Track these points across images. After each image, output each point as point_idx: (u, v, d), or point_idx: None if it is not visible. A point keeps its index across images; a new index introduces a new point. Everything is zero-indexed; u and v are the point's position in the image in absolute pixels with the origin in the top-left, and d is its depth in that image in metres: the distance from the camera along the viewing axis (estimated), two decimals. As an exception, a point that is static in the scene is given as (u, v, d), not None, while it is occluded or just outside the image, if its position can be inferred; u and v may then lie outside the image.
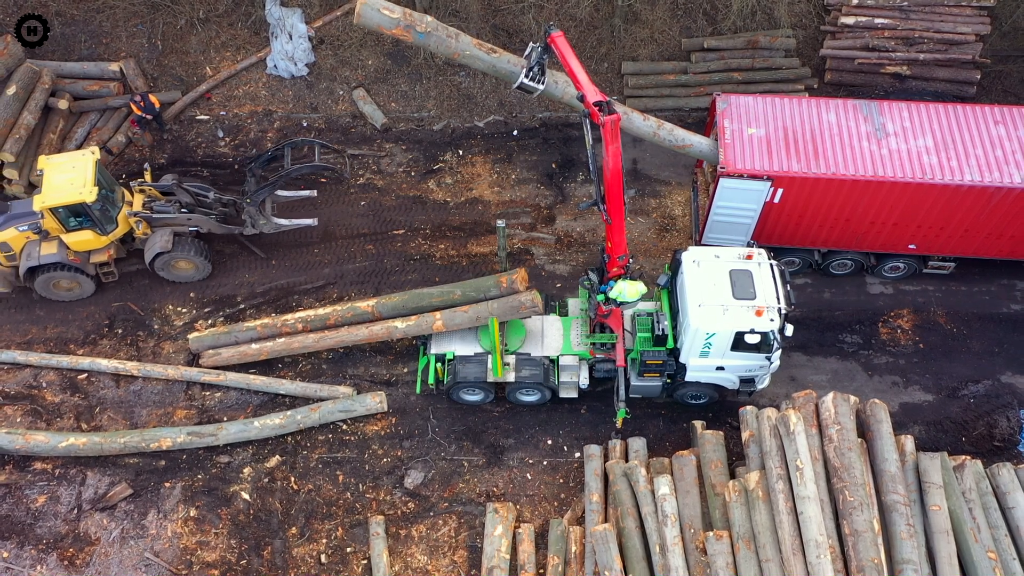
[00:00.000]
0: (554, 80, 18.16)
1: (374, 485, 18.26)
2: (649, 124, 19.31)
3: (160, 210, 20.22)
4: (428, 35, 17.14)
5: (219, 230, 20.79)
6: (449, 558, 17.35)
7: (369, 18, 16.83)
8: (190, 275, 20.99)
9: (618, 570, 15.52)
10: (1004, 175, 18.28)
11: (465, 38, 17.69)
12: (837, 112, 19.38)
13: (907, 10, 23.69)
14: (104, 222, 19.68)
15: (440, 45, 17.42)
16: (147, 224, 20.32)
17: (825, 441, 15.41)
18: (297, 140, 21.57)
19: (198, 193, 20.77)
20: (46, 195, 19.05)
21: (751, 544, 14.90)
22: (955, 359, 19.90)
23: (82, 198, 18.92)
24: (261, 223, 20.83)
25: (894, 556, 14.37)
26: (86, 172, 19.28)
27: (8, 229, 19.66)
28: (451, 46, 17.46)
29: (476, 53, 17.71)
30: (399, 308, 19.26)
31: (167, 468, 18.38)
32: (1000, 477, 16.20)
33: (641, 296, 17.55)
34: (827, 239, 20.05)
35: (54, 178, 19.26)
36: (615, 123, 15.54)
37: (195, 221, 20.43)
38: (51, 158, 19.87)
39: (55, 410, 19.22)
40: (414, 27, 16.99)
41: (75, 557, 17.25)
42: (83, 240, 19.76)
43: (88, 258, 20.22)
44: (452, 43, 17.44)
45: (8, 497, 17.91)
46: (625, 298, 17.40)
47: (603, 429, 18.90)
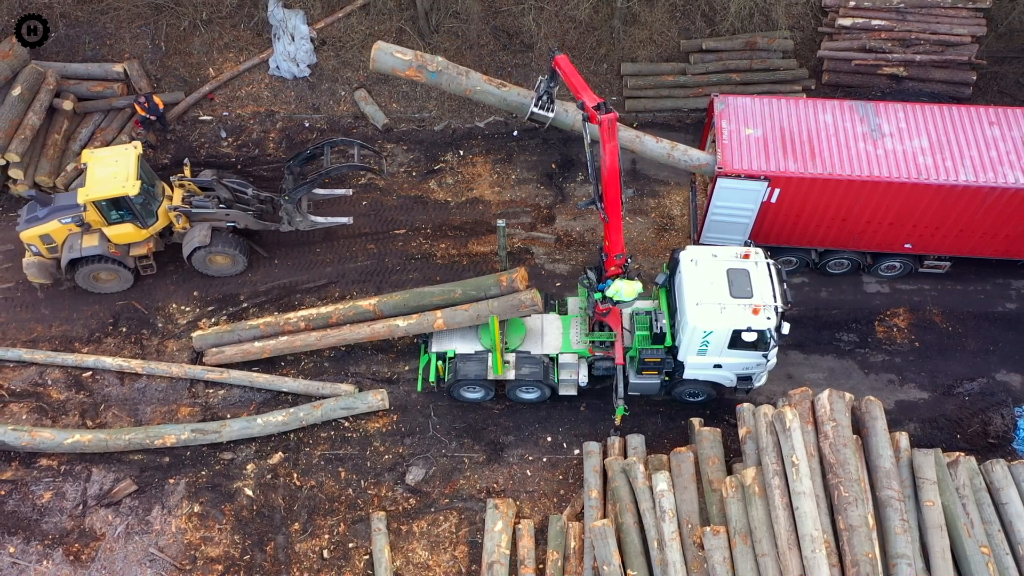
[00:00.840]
0: (564, 109, 18.70)
1: (376, 481, 18.45)
2: (662, 146, 19.60)
3: (199, 205, 20.44)
4: (439, 74, 18.08)
5: (256, 226, 20.98)
6: (450, 553, 17.54)
7: (383, 62, 17.94)
8: (226, 269, 21.20)
9: (617, 565, 15.72)
10: (998, 175, 18.45)
11: (475, 75, 18.48)
12: (833, 113, 19.56)
13: (904, 12, 23.88)
14: (145, 216, 19.92)
15: (451, 83, 18.29)
16: (186, 218, 20.53)
17: (821, 437, 15.62)
18: (336, 139, 21.70)
19: (237, 189, 21.01)
20: (90, 188, 19.26)
21: (747, 539, 15.11)
22: (950, 357, 20.07)
23: (125, 191, 19.16)
24: (298, 220, 21.02)
25: (888, 551, 14.60)
26: (129, 166, 19.51)
27: (51, 221, 19.87)
28: (462, 83, 18.30)
29: (487, 88, 18.49)
30: (400, 307, 19.44)
31: (171, 464, 18.58)
32: (994, 473, 16.44)
33: (638, 295, 17.75)
34: (824, 238, 20.22)
35: (97, 171, 19.48)
36: (612, 121, 15.83)
37: (233, 217, 20.63)
38: (94, 152, 20.09)
39: (60, 407, 19.41)
40: (426, 67, 17.96)
41: (80, 552, 17.46)
42: (124, 233, 20.00)
43: (128, 251, 20.45)
44: (463, 80, 18.29)
45: (14, 493, 18.12)
46: (622, 297, 17.61)
47: (602, 426, 19.07)
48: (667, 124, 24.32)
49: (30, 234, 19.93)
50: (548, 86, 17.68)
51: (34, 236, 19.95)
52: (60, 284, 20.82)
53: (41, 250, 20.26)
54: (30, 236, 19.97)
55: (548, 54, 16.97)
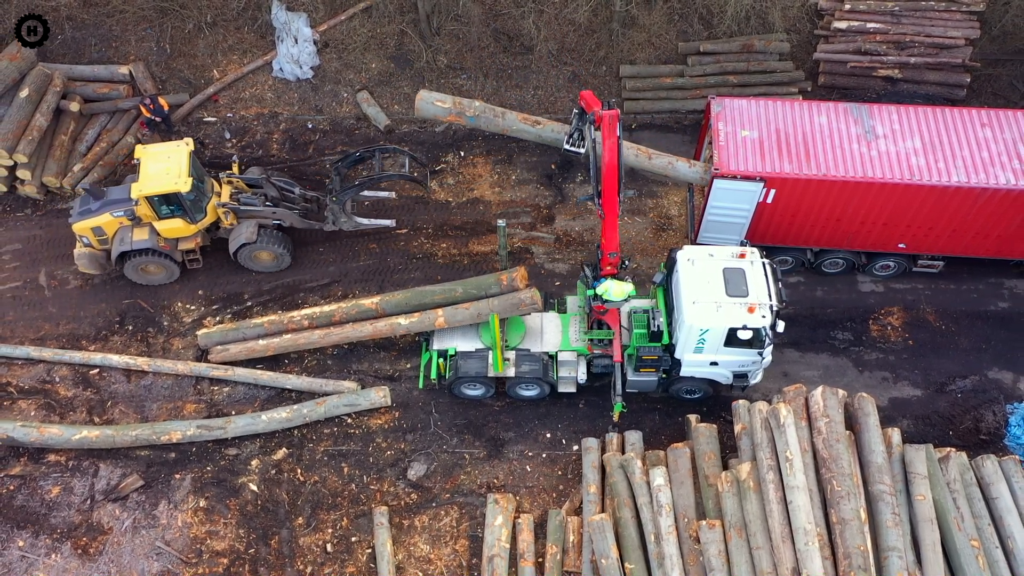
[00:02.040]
0: (595, 143, 19.04)
1: (378, 477, 18.72)
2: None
3: (247, 202, 20.76)
4: (478, 117, 19.08)
5: (301, 225, 21.26)
6: (451, 547, 17.80)
7: (425, 110, 19.29)
8: (270, 265, 21.51)
9: (614, 558, 15.99)
10: (990, 176, 18.73)
11: (511, 115, 19.41)
12: (828, 115, 19.83)
13: (898, 15, 24.14)
14: (194, 211, 20.24)
15: (489, 124, 19.23)
16: (234, 215, 20.84)
17: (814, 433, 15.91)
18: (388, 147, 21.97)
19: (284, 188, 21.31)
20: (143, 183, 19.59)
21: (742, 532, 15.39)
22: (943, 355, 20.35)
23: (178, 188, 19.49)
24: (342, 221, 21.30)
25: (880, 544, 14.88)
26: (181, 162, 19.84)
27: (104, 214, 20.20)
28: (499, 124, 19.22)
29: (522, 127, 19.36)
30: (402, 305, 19.66)
31: (177, 460, 18.85)
32: (984, 469, 16.73)
33: (627, 296, 18.02)
34: (819, 238, 20.49)
35: (150, 167, 19.82)
36: (612, 117, 16.15)
37: (279, 215, 20.93)
38: (147, 148, 20.41)
39: (68, 404, 19.69)
40: (464, 112, 18.98)
41: (88, 546, 17.73)
42: (173, 228, 20.35)
43: (176, 245, 20.79)
44: (500, 121, 19.25)
45: (23, 488, 18.40)
46: (610, 297, 17.92)
47: (600, 423, 19.32)
48: (665, 125, 24.63)
49: (82, 226, 20.29)
50: (579, 124, 17.91)
51: (86, 228, 20.31)
52: (109, 275, 21.33)
53: (92, 242, 20.63)
54: (82, 228, 20.32)
55: (606, 105, 16.98)
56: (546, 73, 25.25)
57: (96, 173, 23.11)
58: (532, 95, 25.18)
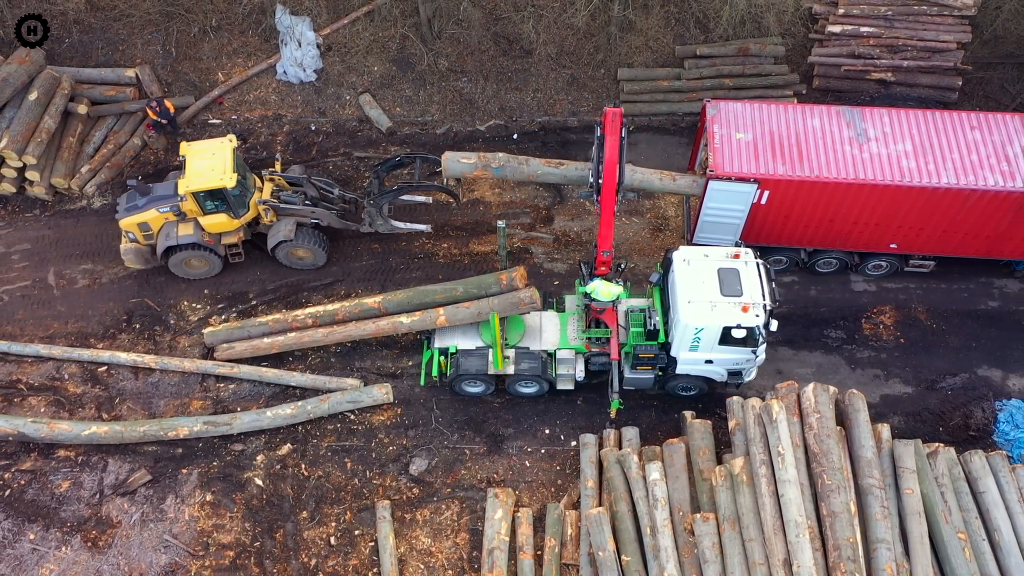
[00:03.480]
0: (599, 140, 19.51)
1: (380, 472, 19.05)
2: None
3: (287, 200, 21.13)
4: (503, 167, 19.86)
5: (338, 225, 21.60)
6: (452, 540, 18.13)
7: (452, 168, 20.20)
8: (307, 263, 21.87)
9: (611, 550, 16.31)
10: (979, 178, 19.08)
11: (535, 161, 20.17)
12: (821, 118, 20.18)
13: (891, 19, 24.48)
14: (238, 207, 20.62)
15: (514, 172, 19.95)
16: (274, 212, 21.21)
17: (806, 429, 16.25)
18: (430, 156, 22.30)
19: (323, 188, 21.68)
20: (189, 180, 19.97)
21: (736, 525, 15.73)
22: (934, 353, 20.71)
23: (223, 184, 19.85)
24: (379, 223, 21.63)
25: (869, 536, 15.24)
26: (225, 159, 20.20)
27: (150, 210, 20.59)
28: (524, 171, 19.97)
29: (547, 170, 20.07)
30: (404, 304, 19.96)
31: (184, 455, 19.19)
32: (972, 464, 17.08)
33: (616, 297, 18.40)
34: (812, 239, 20.84)
35: (195, 164, 20.18)
36: (615, 115, 16.61)
37: (318, 214, 21.27)
38: (192, 145, 20.76)
39: (77, 400, 20.03)
40: (490, 165, 19.80)
41: (98, 539, 18.06)
42: (217, 223, 20.73)
43: (220, 239, 21.20)
44: (525, 168, 19.98)
45: (34, 482, 18.73)
46: (598, 296, 18.33)
47: (598, 419, 19.64)
48: (662, 128, 24.99)
49: (129, 221, 20.69)
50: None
51: (132, 223, 20.72)
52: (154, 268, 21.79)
53: (138, 237, 21.04)
54: (129, 223, 20.73)
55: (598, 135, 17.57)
56: (545, 76, 25.61)
57: (103, 174, 23.58)
58: (532, 98, 25.55)
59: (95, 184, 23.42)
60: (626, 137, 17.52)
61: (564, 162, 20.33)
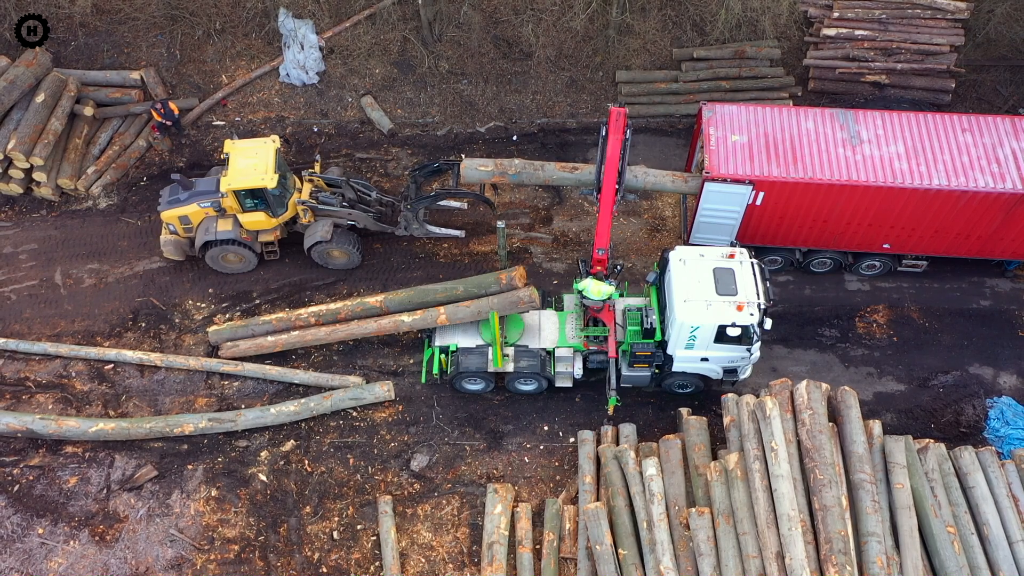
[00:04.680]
0: (633, 175, 20.26)
1: (382, 468, 19.35)
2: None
3: (325, 201, 21.45)
4: (519, 173, 20.74)
5: (374, 227, 21.92)
6: (452, 535, 18.43)
7: (471, 176, 20.84)
8: (342, 263, 22.17)
9: (608, 544, 16.63)
10: (969, 179, 19.39)
11: (550, 166, 20.77)
12: (815, 120, 20.47)
13: (886, 22, 24.82)
14: (277, 206, 20.95)
15: (531, 178, 20.55)
16: (312, 212, 21.53)
17: (798, 425, 16.54)
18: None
19: (361, 190, 22.01)
20: (232, 178, 20.29)
21: (730, 519, 16.03)
22: (926, 351, 21.03)
23: (264, 183, 20.18)
24: (414, 227, 21.95)
25: (860, 529, 15.57)
26: (268, 159, 20.53)
27: (191, 204, 20.98)
28: (540, 176, 20.56)
29: (562, 175, 20.81)
30: (405, 303, 20.25)
31: (189, 451, 19.49)
32: (962, 459, 17.40)
33: (607, 297, 18.72)
34: (807, 239, 21.14)
35: (238, 162, 20.51)
36: (620, 114, 16.98)
37: (354, 216, 21.59)
38: (236, 143, 21.07)
39: (84, 398, 20.33)
40: (507, 171, 20.71)
41: (105, 533, 18.37)
42: (256, 221, 21.08)
43: (256, 237, 21.54)
44: (540, 173, 20.59)
45: (42, 478, 19.04)
46: (588, 294, 18.67)
47: (596, 416, 19.93)
48: (660, 129, 25.28)
49: (171, 214, 21.09)
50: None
51: (174, 216, 21.12)
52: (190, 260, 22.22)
53: (178, 229, 21.45)
54: (170, 216, 21.13)
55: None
56: (544, 78, 25.93)
57: (109, 175, 23.90)
58: (531, 100, 25.86)
59: (101, 185, 23.74)
60: (630, 138, 17.86)
61: (579, 166, 20.77)
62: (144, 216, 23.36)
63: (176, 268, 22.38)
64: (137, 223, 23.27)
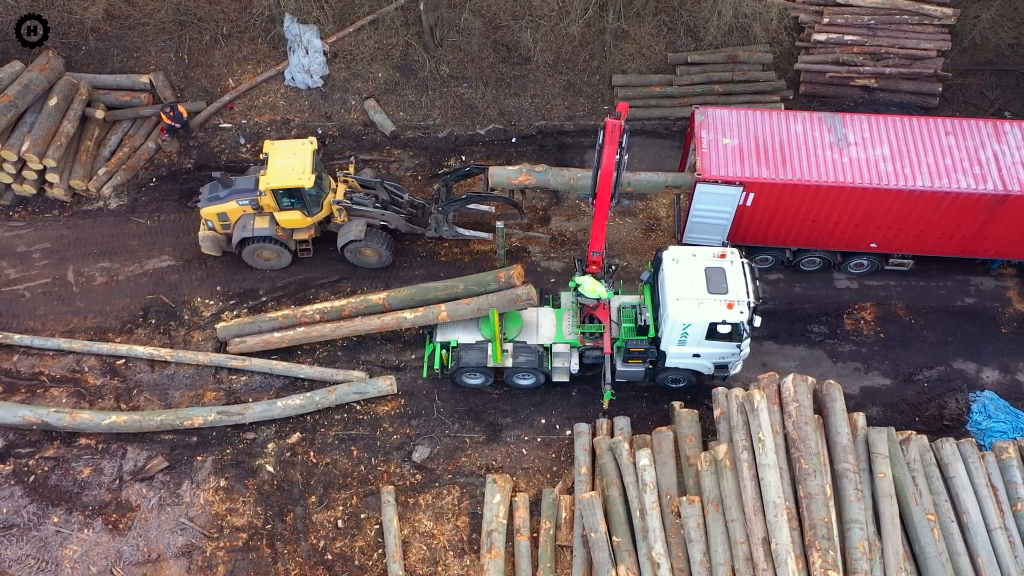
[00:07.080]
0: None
1: (385, 459, 19.82)
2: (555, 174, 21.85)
3: (359, 202, 21.98)
4: (545, 173, 21.60)
5: (405, 228, 22.41)
6: (452, 523, 18.92)
7: (500, 179, 21.69)
8: (373, 262, 22.65)
9: (603, 532, 17.09)
10: (952, 181, 19.95)
11: (573, 169, 22.16)
12: (804, 124, 21.02)
13: (874, 28, 25.36)
14: (312, 205, 21.48)
15: (556, 179, 21.79)
16: (346, 212, 22.06)
17: (785, 417, 17.04)
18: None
19: (394, 192, 22.56)
20: (270, 177, 20.86)
21: (719, 507, 16.55)
22: (912, 347, 21.56)
23: (301, 183, 20.74)
24: (444, 229, 22.45)
25: (843, 516, 16.06)
26: (305, 159, 21.08)
27: (230, 202, 21.56)
28: (564, 176, 21.87)
29: (586, 175, 21.53)
30: (408, 300, 20.72)
31: (199, 443, 19.97)
32: (943, 450, 17.90)
33: (599, 297, 19.25)
34: (796, 239, 21.66)
35: (277, 162, 21.07)
36: (614, 127, 17.40)
37: (387, 217, 22.09)
38: (275, 144, 21.65)
39: (97, 392, 20.83)
40: (534, 171, 21.59)
41: (118, 522, 18.85)
42: (291, 219, 21.64)
43: (292, 235, 22.08)
44: (565, 174, 21.87)
45: (57, 469, 19.54)
46: (584, 291, 19.22)
47: (591, 409, 20.42)
48: (655, 132, 25.82)
49: (210, 211, 21.67)
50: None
51: (212, 213, 21.70)
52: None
53: (216, 225, 22.03)
54: (209, 212, 21.71)
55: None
56: (543, 82, 26.43)
57: (119, 176, 24.43)
58: (530, 103, 26.39)
59: (111, 186, 24.30)
60: (626, 148, 18.35)
61: None
62: (153, 216, 23.92)
63: (185, 267, 22.91)
64: (147, 223, 23.81)
